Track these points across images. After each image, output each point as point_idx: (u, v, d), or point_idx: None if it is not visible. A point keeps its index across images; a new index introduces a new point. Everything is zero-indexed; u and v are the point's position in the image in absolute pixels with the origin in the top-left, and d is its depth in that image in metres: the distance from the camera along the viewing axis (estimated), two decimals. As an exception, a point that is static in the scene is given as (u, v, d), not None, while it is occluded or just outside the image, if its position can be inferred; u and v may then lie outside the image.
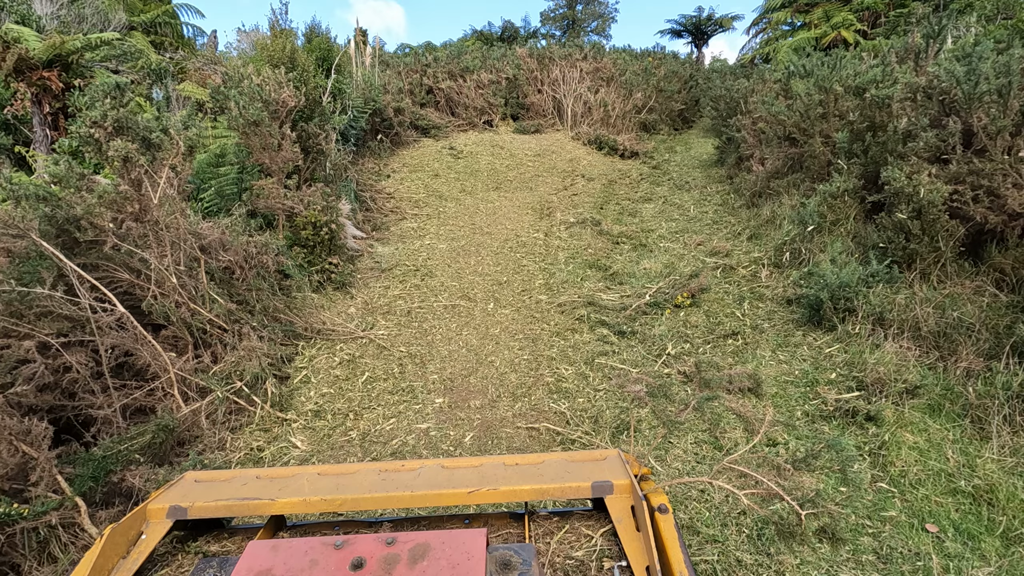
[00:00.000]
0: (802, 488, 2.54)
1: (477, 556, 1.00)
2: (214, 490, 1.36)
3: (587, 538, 1.30)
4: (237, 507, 1.28)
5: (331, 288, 5.55)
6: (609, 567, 1.19)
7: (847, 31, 12.70)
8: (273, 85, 6.11)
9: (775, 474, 2.50)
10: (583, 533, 1.32)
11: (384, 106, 11.07)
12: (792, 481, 2.52)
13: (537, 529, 1.35)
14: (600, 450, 1.63)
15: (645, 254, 6.55)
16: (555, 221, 7.88)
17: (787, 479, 2.48)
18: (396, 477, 1.35)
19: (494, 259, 6.45)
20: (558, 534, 1.32)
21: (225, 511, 1.29)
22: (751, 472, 2.11)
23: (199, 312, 3.71)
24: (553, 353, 4.29)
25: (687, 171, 11.06)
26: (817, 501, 2.42)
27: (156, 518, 1.28)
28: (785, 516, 2.42)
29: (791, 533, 2.36)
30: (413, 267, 6.19)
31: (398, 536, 1.06)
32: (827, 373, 3.62)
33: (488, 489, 1.25)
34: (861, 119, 5.87)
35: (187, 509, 1.27)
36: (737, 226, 7.15)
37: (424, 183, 9.77)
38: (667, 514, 1.17)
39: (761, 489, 2.20)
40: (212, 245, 4.22)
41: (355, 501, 1.27)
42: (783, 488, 2.16)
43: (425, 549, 1.01)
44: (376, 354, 4.37)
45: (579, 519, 1.37)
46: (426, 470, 1.38)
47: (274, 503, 1.27)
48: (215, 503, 1.28)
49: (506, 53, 16.28)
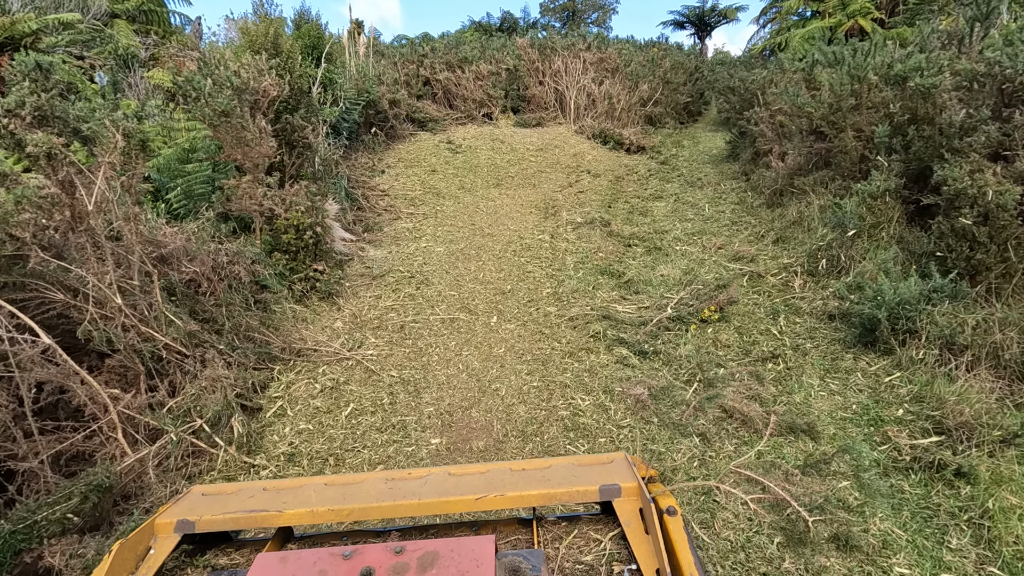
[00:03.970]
0: (811, 494, 2.43)
1: (486, 563, 0.99)
2: (221, 503, 1.35)
3: (596, 542, 1.28)
4: (245, 519, 1.27)
5: (316, 298, 4.99)
6: (619, 571, 1.16)
7: (864, 19, 12.09)
8: (252, 72, 5.53)
9: (783, 479, 2.50)
10: (592, 537, 1.29)
11: (379, 98, 10.47)
12: (801, 487, 2.46)
13: (546, 534, 1.33)
14: (607, 453, 1.60)
15: (661, 258, 6.00)
16: (561, 221, 7.32)
17: (795, 484, 2.46)
18: (403, 485, 1.34)
19: (496, 264, 5.89)
20: (567, 539, 1.30)
21: (233, 524, 1.28)
22: (758, 477, 2.21)
23: (153, 336, 3.15)
24: (567, 379, 3.74)
25: (697, 167, 10.50)
26: (826, 508, 2.34)
27: (164, 532, 1.27)
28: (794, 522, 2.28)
29: (800, 540, 2.27)
30: (408, 273, 5.63)
31: (407, 545, 1.05)
32: (892, 409, 3.08)
33: (495, 495, 1.24)
34: (902, 111, 5.31)
35: (195, 523, 1.26)
36: (759, 227, 6.59)
37: (421, 179, 9.19)
38: (676, 516, 1.15)
39: (769, 495, 2.24)
40: (174, 255, 3.66)
41: (363, 511, 1.26)
42: (791, 494, 2.23)
43: (434, 557, 1.01)
44: (364, 379, 3.82)
45: (587, 523, 1.35)
46: (433, 477, 1.37)
47: (281, 514, 1.26)
48: (223, 516, 1.28)
49: (506, 43, 15.64)
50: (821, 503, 2.36)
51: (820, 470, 2.60)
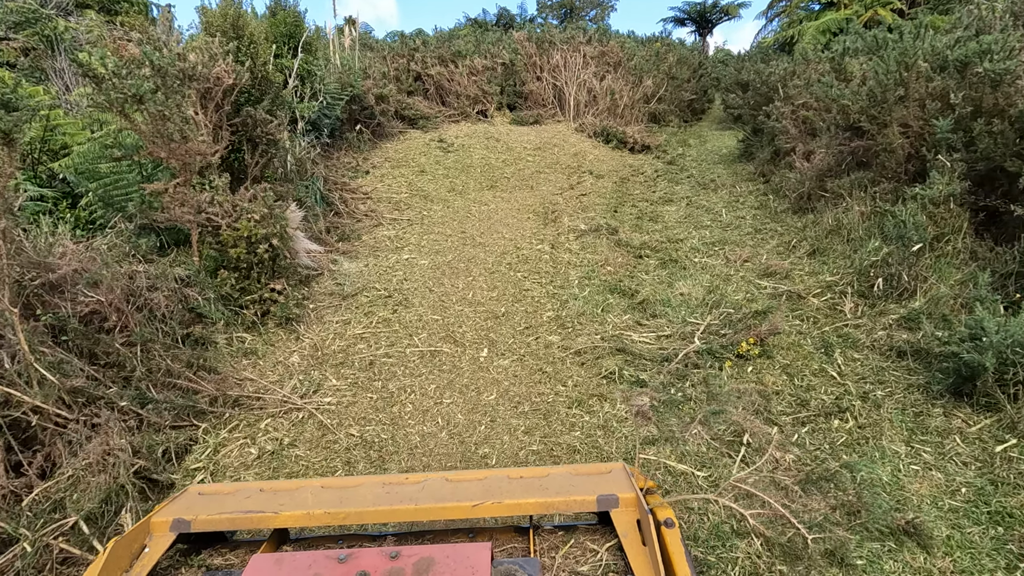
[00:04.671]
0: (810, 511, 2.31)
1: (482, 570, 0.99)
2: (217, 503, 1.33)
3: (592, 552, 1.25)
4: (240, 520, 1.26)
5: (272, 324, 4.16)
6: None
7: (884, 9, 11.30)
8: (203, 57, 4.71)
9: (783, 495, 2.40)
10: (588, 547, 1.27)
11: (364, 92, 9.64)
12: (800, 503, 2.36)
13: (542, 543, 1.31)
14: (606, 463, 1.57)
15: (678, 273, 5.19)
16: (562, 228, 6.51)
17: (795, 501, 2.37)
18: (400, 490, 1.33)
19: (488, 280, 5.07)
20: (563, 548, 1.28)
21: (228, 524, 1.26)
22: (757, 492, 2.27)
23: (17, 398, 2.32)
24: (575, 440, 2.92)
25: (708, 167, 9.71)
26: (825, 525, 2.21)
27: (159, 531, 1.26)
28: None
29: (797, 556, 2.13)
30: (384, 292, 4.80)
31: (402, 550, 1.05)
32: (1019, 495, 2.27)
33: (492, 503, 1.24)
34: (964, 102, 4.52)
35: (190, 522, 1.25)
36: (787, 236, 5.79)
37: (408, 181, 8.37)
38: (673, 528, 1.14)
39: (768, 510, 2.24)
40: (68, 281, 2.83)
41: (359, 514, 1.24)
42: (790, 510, 2.22)
43: (429, 563, 1.01)
44: (316, 440, 2.99)
45: (584, 533, 1.33)
46: (430, 483, 1.36)
47: (277, 516, 1.25)
48: (218, 516, 1.26)
49: (502, 37, 14.81)
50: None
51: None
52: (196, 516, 1.25)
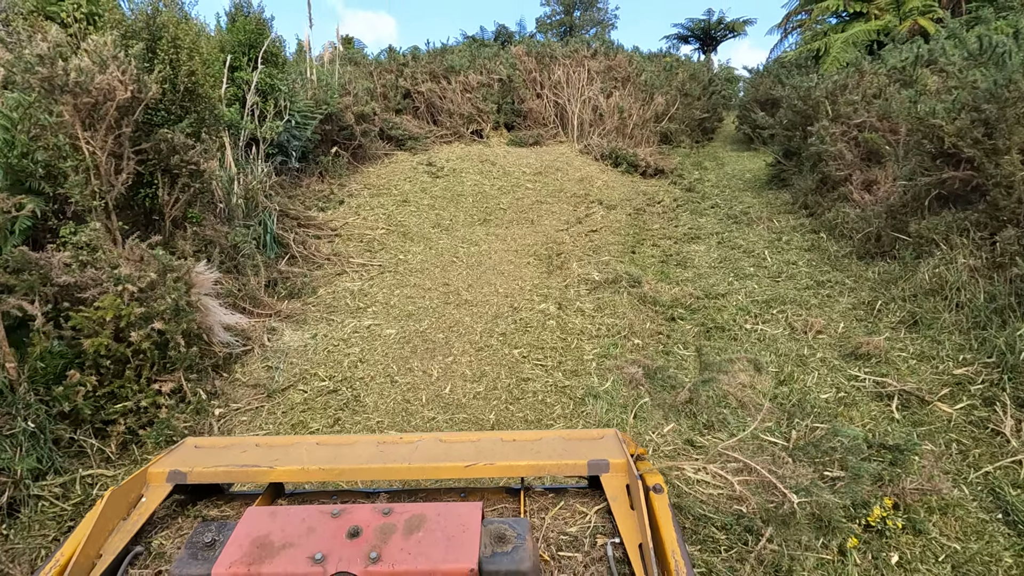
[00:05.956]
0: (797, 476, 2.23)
1: (472, 528, 0.99)
2: (214, 456, 1.33)
3: (581, 515, 1.25)
4: (236, 473, 1.27)
5: (152, 446, 2.83)
6: (602, 543, 1.15)
7: (925, 19, 10.14)
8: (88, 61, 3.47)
9: (770, 462, 2.40)
10: (577, 510, 1.27)
11: (341, 110, 8.41)
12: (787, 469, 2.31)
13: (532, 504, 1.32)
14: (598, 429, 1.53)
15: (728, 347, 3.87)
16: (571, 277, 5.21)
17: (782, 467, 2.34)
18: (394, 449, 1.33)
19: (474, 362, 3.75)
20: (553, 510, 1.28)
21: (224, 477, 1.27)
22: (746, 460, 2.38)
23: None
24: None
25: (734, 195, 8.45)
26: (812, 490, 2.16)
27: (156, 482, 1.26)
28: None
29: (784, 521, 2.11)
30: (329, 384, 3.47)
31: (395, 507, 1.05)
32: None
33: (485, 464, 1.24)
34: None
35: (187, 474, 1.25)
36: (862, 293, 4.49)
37: (387, 213, 7.09)
38: (661, 494, 1.15)
39: (755, 476, 2.30)
40: None
41: (353, 471, 1.25)
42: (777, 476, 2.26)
43: (421, 520, 1.01)
44: None
45: (574, 496, 1.34)
46: (424, 443, 1.36)
47: (273, 471, 1.25)
48: (214, 469, 1.26)
49: (499, 52, 13.66)
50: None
51: None
52: (192, 468, 1.25)
